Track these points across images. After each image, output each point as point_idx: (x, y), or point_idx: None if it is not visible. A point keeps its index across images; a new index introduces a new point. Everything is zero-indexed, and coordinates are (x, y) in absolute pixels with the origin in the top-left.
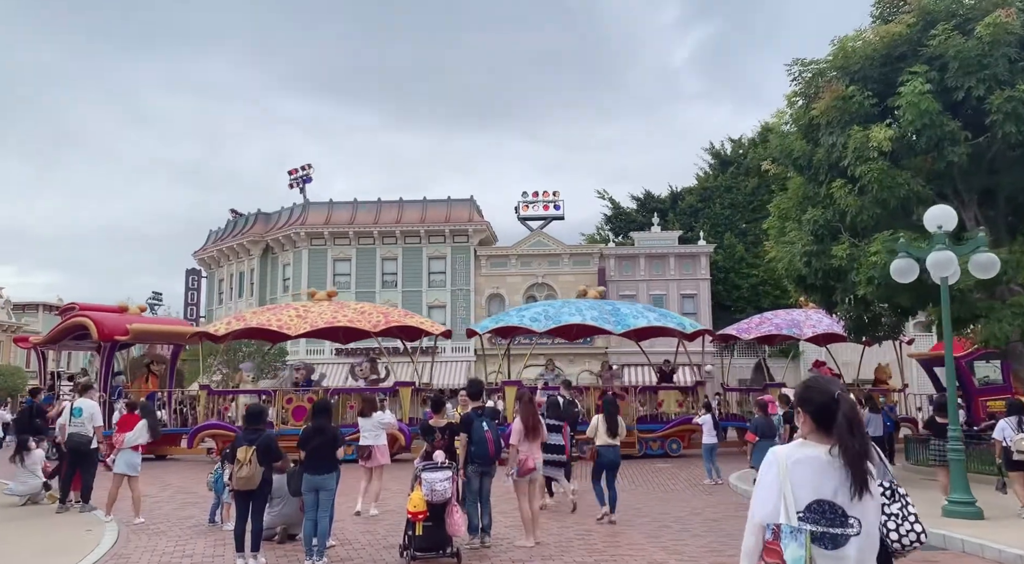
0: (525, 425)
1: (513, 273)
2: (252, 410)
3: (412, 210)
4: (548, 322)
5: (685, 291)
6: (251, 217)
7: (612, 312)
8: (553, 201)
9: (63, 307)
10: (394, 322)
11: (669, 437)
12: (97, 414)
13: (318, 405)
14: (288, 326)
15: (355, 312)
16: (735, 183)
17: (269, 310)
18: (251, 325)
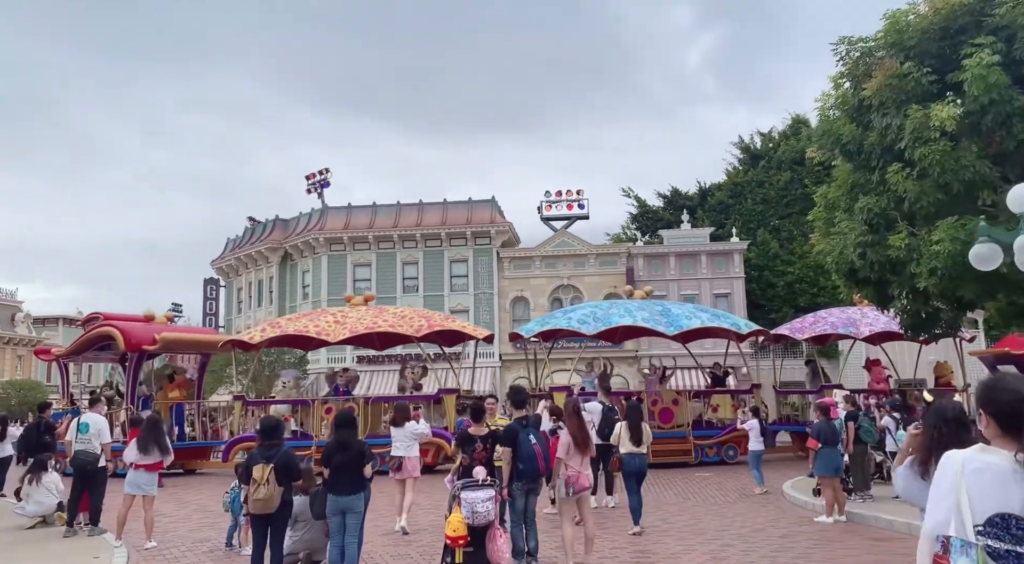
0: (573, 438)
1: (537, 275)
2: (267, 423)
3: (432, 212)
4: (597, 324)
5: (718, 290)
6: (269, 224)
7: (663, 313)
8: (577, 200)
9: (86, 317)
10: (437, 326)
11: (725, 443)
12: (105, 430)
13: (341, 417)
14: (327, 332)
15: (395, 316)
16: (766, 177)
17: (305, 316)
18: (288, 332)
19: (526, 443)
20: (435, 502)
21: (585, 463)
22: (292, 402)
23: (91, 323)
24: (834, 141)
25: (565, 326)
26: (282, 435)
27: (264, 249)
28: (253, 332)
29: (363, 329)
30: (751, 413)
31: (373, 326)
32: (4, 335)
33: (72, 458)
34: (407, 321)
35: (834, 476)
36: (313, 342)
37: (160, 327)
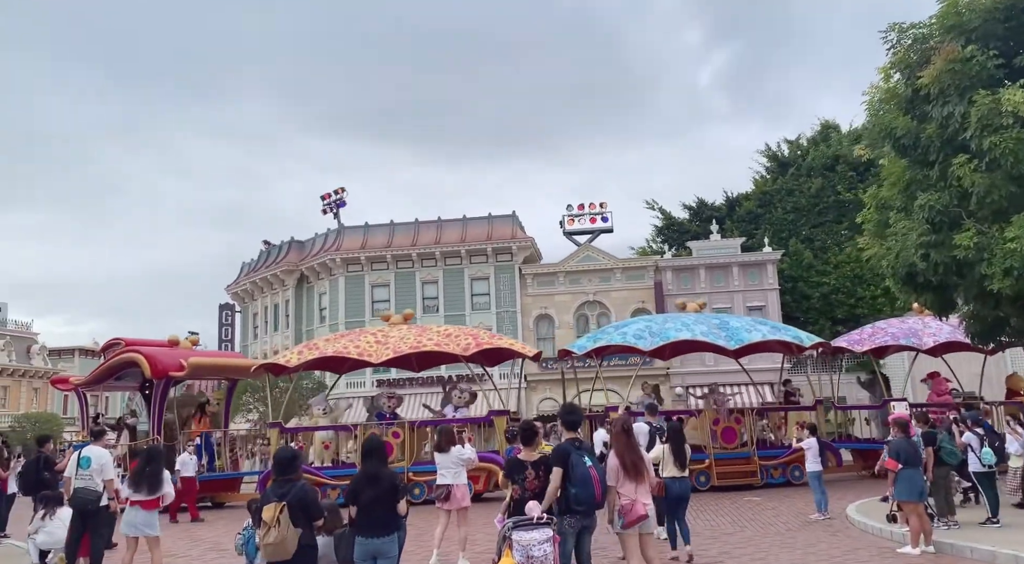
0: (621, 462)
1: (561, 291)
2: (282, 455)
3: (452, 229)
4: (654, 339)
5: (751, 303)
6: (284, 246)
7: (721, 326)
8: (600, 213)
9: (106, 344)
10: (485, 344)
11: (791, 463)
12: (108, 464)
13: (368, 445)
14: (369, 353)
15: (440, 335)
16: (796, 185)
17: (344, 337)
18: (327, 353)
19: (580, 466)
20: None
21: (642, 490)
22: (332, 428)
23: (111, 350)
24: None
25: (620, 342)
26: (299, 469)
27: (280, 272)
28: (289, 355)
29: (407, 349)
30: (808, 431)
31: (418, 345)
32: (19, 367)
33: (72, 496)
34: (453, 339)
35: (919, 501)
36: (346, 364)
37: (186, 352)
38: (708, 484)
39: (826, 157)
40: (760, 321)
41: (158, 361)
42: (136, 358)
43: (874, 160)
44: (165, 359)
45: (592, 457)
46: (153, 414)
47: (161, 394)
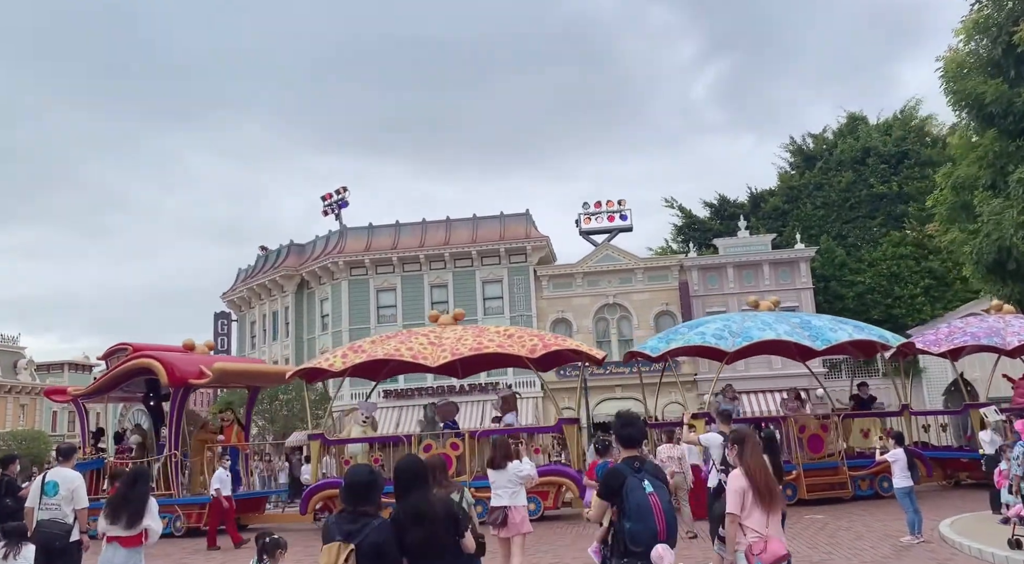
0: (753, 483)
1: (579, 294)
2: (357, 477)
3: (461, 229)
4: (736, 339)
5: (784, 304)
6: (283, 250)
7: (802, 325)
8: (619, 211)
9: (109, 350)
10: (554, 345)
11: (879, 474)
12: (80, 490)
13: (402, 471)
14: (423, 355)
15: (501, 336)
16: (825, 179)
17: (392, 338)
18: (376, 356)
19: (637, 492)
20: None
21: (774, 523)
22: (380, 440)
23: (115, 356)
24: (972, 104)
25: (699, 342)
26: (378, 498)
27: (279, 277)
28: (332, 358)
29: (467, 351)
30: (894, 440)
31: (479, 347)
32: (5, 383)
33: (34, 530)
34: (516, 340)
35: None
36: (384, 370)
37: (204, 358)
38: (795, 497)
39: (856, 150)
40: (839, 319)
41: (176, 367)
42: (150, 364)
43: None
44: (184, 365)
45: (656, 481)
46: (171, 428)
47: (179, 405)
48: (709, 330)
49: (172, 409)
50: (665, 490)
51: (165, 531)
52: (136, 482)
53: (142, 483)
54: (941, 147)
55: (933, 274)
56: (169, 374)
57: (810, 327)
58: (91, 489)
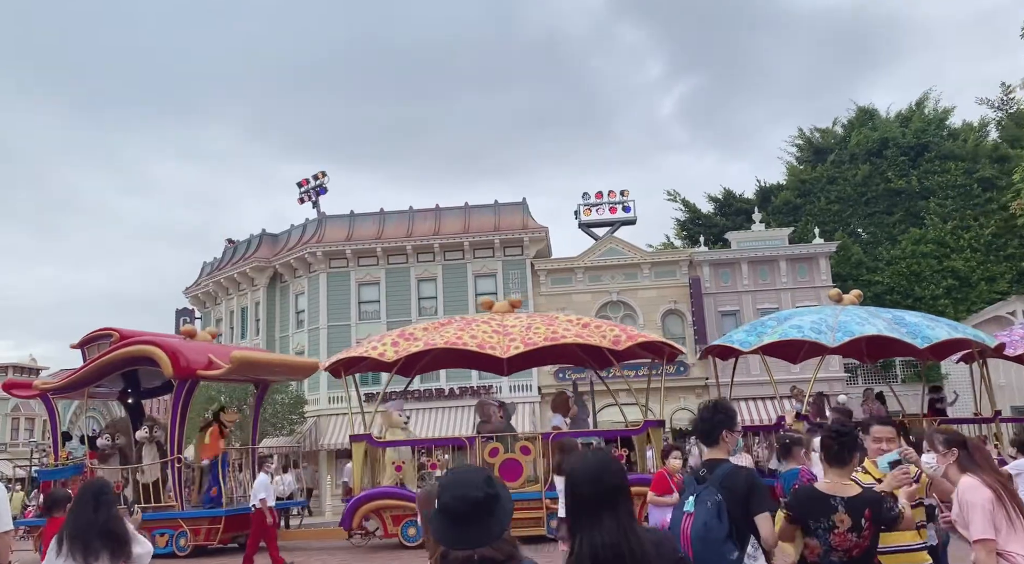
0: (999, 498)
1: (580, 290)
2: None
3: (452, 219)
4: (837, 334)
5: (802, 302)
6: (254, 240)
7: (896, 321)
8: (622, 202)
9: (90, 336)
10: (639, 337)
11: None
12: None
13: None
14: (491, 345)
15: (575, 325)
16: (839, 173)
17: (446, 325)
18: (435, 345)
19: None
20: None
21: None
22: (436, 443)
23: (98, 343)
24: None
25: (797, 336)
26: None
27: (249, 269)
28: (380, 346)
29: (542, 340)
30: (1015, 448)
31: (555, 337)
32: None
33: None
34: (595, 331)
35: None
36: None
37: (212, 347)
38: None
39: (872, 141)
40: (928, 316)
41: (183, 356)
42: (151, 352)
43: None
44: (191, 354)
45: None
46: (173, 429)
47: (185, 401)
48: (805, 323)
49: (175, 406)
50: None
51: (165, 550)
52: (100, 499)
53: (107, 500)
54: (963, 141)
55: (956, 274)
56: (174, 364)
57: (905, 323)
58: None
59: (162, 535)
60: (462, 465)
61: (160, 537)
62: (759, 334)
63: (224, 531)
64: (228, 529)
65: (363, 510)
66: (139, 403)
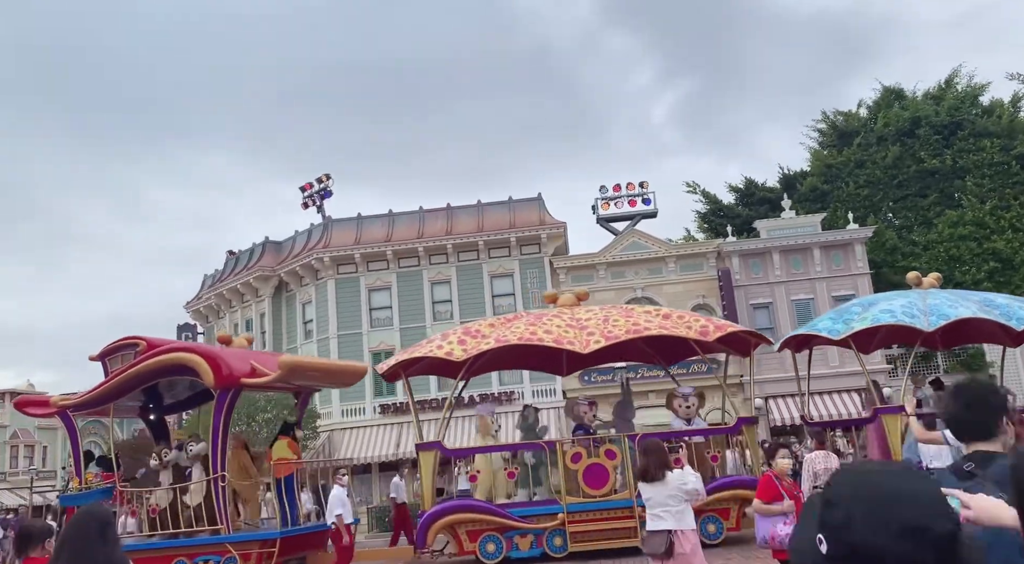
0: None
1: (603, 287)
2: None
3: (465, 218)
4: (932, 318)
5: (837, 293)
6: (257, 248)
7: (986, 303)
8: (641, 195)
9: (113, 346)
10: (728, 327)
11: None
12: None
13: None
14: (568, 340)
15: (656, 316)
16: (867, 156)
17: (514, 320)
18: (508, 341)
19: None
20: None
21: None
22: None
23: (121, 354)
24: None
25: (890, 321)
26: None
27: (252, 279)
28: (446, 345)
29: (623, 334)
30: None
31: (638, 329)
32: None
33: None
34: (679, 322)
35: None
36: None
37: (253, 353)
38: None
39: (903, 120)
40: (1015, 298)
41: (224, 363)
42: (190, 359)
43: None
44: (234, 361)
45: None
46: (216, 443)
47: (227, 412)
48: (895, 307)
49: (217, 417)
50: None
51: None
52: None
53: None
54: (997, 117)
55: (998, 256)
56: (216, 372)
57: (996, 305)
58: None
59: (206, 562)
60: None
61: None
62: (846, 321)
63: (280, 554)
64: (284, 552)
65: (439, 525)
66: (162, 419)
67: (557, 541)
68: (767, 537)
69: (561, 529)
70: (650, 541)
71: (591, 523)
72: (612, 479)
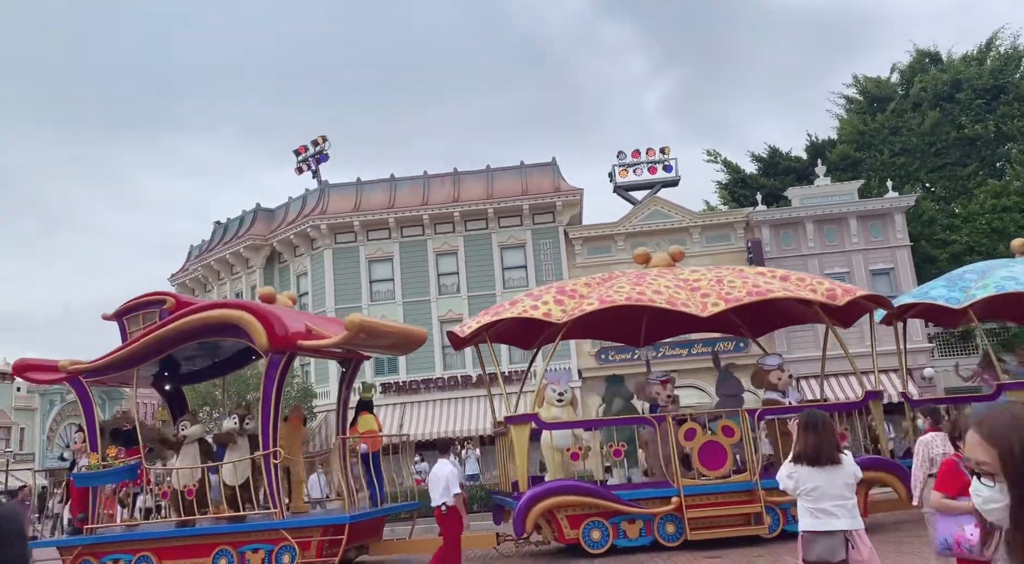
0: None
1: (622, 260)
2: None
3: (473, 184)
4: None
5: (875, 266)
6: (247, 216)
7: None
8: (662, 161)
9: (134, 303)
10: (858, 291)
11: None
12: None
13: None
14: (683, 302)
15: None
16: (902, 122)
17: (606, 281)
18: (615, 302)
19: None
20: None
21: None
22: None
23: (143, 312)
24: None
25: (1017, 289)
26: None
27: (243, 249)
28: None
29: (745, 296)
30: None
31: (760, 291)
32: None
33: None
34: (799, 283)
35: None
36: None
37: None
38: None
39: (942, 83)
40: None
41: (279, 323)
42: (240, 318)
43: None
44: (289, 321)
45: None
46: (267, 416)
47: (279, 379)
48: (1018, 273)
49: (269, 385)
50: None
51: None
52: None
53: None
54: None
55: None
56: (270, 333)
57: None
58: None
59: (255, 551)
60: None
61: (253, 554)
62: (963, 289)
63: (348, 542)
64: (349, 540)
65: (540, 508)
66: (179, 391)
67: (669, 528)
68: (951, 542)
69: (674, 515)
70: (818, 545)
71: (710, 508)
72: (730, 459)
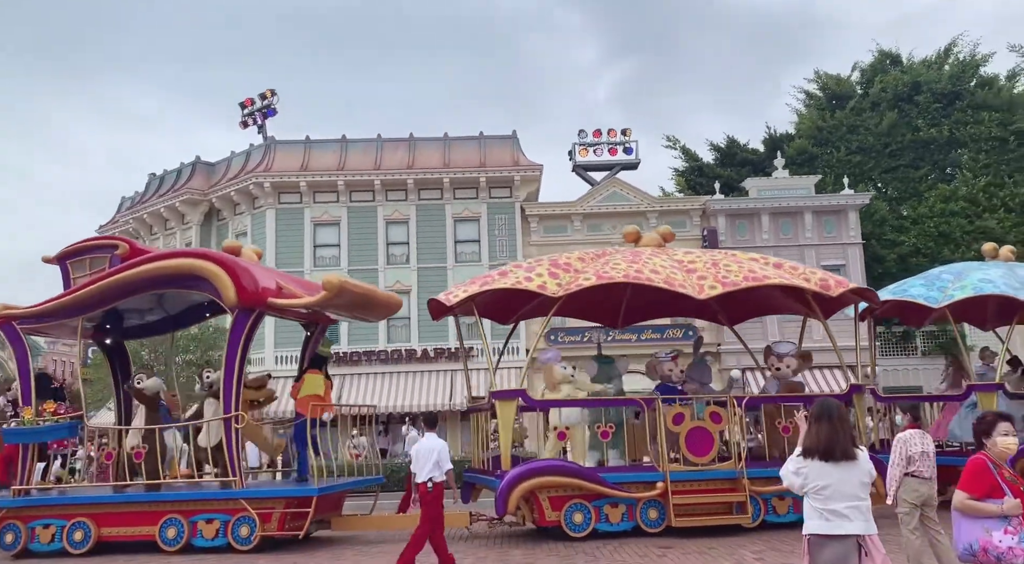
0: None
1: (577, 240)
2: None
3: (429, 151)
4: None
5: (827, 262)
6: (185, 169)
7: None
8: (623, 143)
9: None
10: (851, 284)
11: None
12: None
13: None
14: (679, 283)
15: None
16: (860, 121)
17: (602, 256)
18: (613, 278)
19: None
20: None
21: None
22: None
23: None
24: None
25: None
26: None
27: (179, 203)
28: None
29: (742, 281)
30: None
31: (756, 277)
32: None
33: None
34: (794, 272)
35: None
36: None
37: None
38: None
39: (902, 85)
40: None
41: (249, 278)
42: (206, 269)
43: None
44: (260, 276)
45: None
46: (230, 375)
47: (246, 338)
48: (993, 277)
49: (234, 344)
50: None
51: (219, 541)
52: None
53: None
54: (997, 90)
55: (989, 235)
56: (239, 287)
57: None
58: None
59: (209, 521)
60: None
61: (207, 525)
62: (941, 289)
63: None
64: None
65: (523, 489)
66: (122, 345)
67: (652, 513)
68: (976, 548)
69: (657, 500)
70: (828, 550)
71: (695, 494)
72: (716, 445)
